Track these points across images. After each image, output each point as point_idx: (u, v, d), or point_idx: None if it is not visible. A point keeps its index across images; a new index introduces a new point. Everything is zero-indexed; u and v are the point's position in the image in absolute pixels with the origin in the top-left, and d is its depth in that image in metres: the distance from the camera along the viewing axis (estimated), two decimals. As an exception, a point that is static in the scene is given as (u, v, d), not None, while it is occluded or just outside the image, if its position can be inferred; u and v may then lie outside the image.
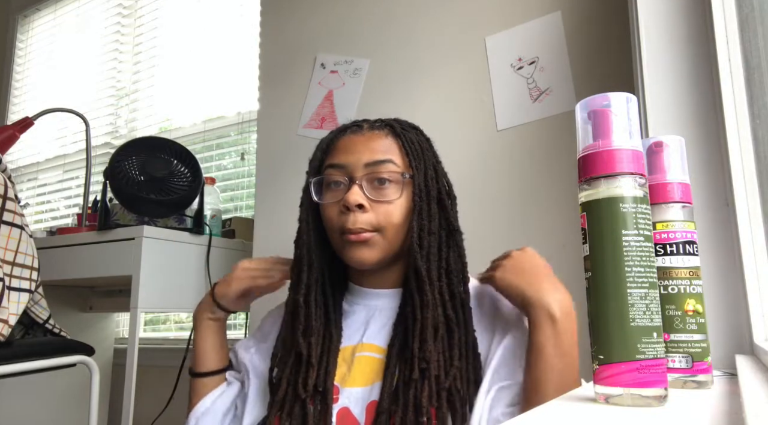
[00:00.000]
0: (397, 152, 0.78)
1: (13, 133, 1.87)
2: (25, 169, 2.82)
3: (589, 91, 0.50)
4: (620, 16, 1.19)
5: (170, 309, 1.99)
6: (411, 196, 0.77)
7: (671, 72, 0.79)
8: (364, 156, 0.77)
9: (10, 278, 1.11)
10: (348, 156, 0.78)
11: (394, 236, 0.76)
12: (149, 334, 2.32)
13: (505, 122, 1.39)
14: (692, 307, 0.50)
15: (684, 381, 0.49)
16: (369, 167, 0.76)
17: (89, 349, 1.34)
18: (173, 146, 1.61)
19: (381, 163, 0.76)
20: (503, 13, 1.43)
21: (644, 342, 0.39)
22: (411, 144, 0.79)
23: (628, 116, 0.44)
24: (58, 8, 2.91)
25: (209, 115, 2.26)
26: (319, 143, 0.83)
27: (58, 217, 2.68)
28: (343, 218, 0.75)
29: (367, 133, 0.80)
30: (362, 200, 0.74)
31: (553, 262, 0.74)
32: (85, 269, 1.60)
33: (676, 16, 0.80)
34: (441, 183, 0.80)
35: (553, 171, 1.30)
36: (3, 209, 1.12)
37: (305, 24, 1.73)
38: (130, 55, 2.57)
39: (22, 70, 2.99)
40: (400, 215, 0.76)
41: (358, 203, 0.74)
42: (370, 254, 0.76)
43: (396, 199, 0.76)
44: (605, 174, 0.42)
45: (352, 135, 0.80)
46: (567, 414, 0.39)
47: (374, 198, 0.75)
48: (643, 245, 0.41)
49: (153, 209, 1.57)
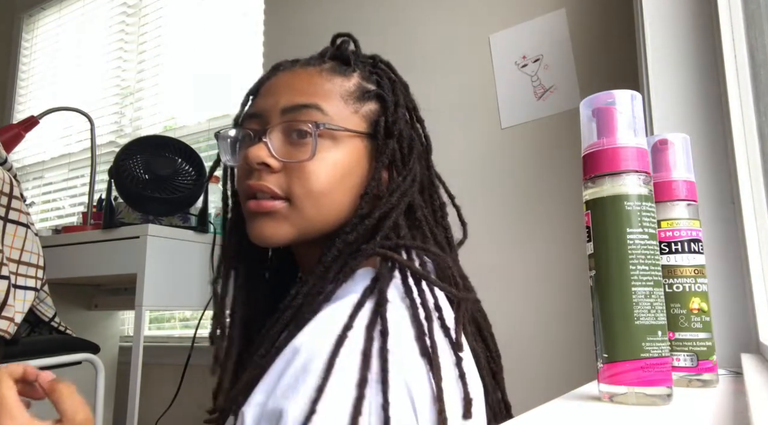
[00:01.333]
0: (332, 94, 0.59)
1: (19, 132, 1.88)
2: (31, 168, 2.83)
3: (593, 89, 0.50)
4: (625, 14, 1.18)
5: (175, 307, 2.00)
6: (351, 154, 0.59)
7: (676, 69, 0.79)
8: (282, 99, 0.58)
9: (16, 277, 1.11)
10: (267, 100, 0.60)
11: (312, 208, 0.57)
12: (154, 332, 2.33)
13: (509, 119, 1.38)
14: (697, 305, 0.50)
15: (689, 379, 0.49)
16: (286, 113, 0.58)
17: (94, 347, 1.35)
18: (178, 145, 1.62)
19: (297, 108, 0.57)
20: (507, 10, 1.43)
21: (649, 341, 0.39)
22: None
23: (633, 114, 0.43)
24: (63, 8, 2.92)
25: (214, 113, 2.26)
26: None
27: (64, 215, 2.69)
28: (247, 181, 0.58)
29: (298, 69, 0.61)
30: (266, 158, 0.56)
31: (555, 260, 0.74)
32: (90, 268, 1.60)
33: (682, 13, 0.80)
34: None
35: (557, 169, 1.30)
36: (9, 208, 1.12)
37: (309, 22, 1.73)
38: (134, 54, 2.58)
39: (27, 69, 3.00)
40: (321, 180, 0.57)
41: (261, 161, 0.56)
42: (275, 230, 0.57)
43: (309, 157, 0.56)
44: (610, 172, 0.42)
45: (281, 72, 0.62)
46: (571, 413, 0.39)
47: (283, 157, 0.57)
48: (648, 243, 0.41)
49: (157, 208, 1.57)
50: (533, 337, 1.27)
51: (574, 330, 1.23)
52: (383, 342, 0.46)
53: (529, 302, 1.29)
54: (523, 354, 1.25)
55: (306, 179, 0.56)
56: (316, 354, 0.45)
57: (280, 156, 0.57)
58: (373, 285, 0.51)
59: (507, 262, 1.32)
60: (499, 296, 1.31)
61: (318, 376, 0.44)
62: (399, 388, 0.45)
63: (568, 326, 1.24)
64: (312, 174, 0.56)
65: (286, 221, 0.57)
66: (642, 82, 0.85)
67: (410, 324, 0.49)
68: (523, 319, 1.28)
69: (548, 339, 1.26)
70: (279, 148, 0.57)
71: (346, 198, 0.58)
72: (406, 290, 0.52)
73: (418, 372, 0.47)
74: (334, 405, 0.43)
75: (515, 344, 0.86)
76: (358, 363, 0.45)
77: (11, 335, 1.07)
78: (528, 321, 1.28)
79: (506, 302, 1.31)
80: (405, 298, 0.52)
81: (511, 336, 0.80)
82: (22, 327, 1.18)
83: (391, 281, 0.52)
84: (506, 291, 1.32)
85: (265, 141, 0.57)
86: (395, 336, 0.47)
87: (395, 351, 0.46)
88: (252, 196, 0.57)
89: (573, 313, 1.23)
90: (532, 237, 1.31)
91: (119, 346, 2.17)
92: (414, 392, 0.46)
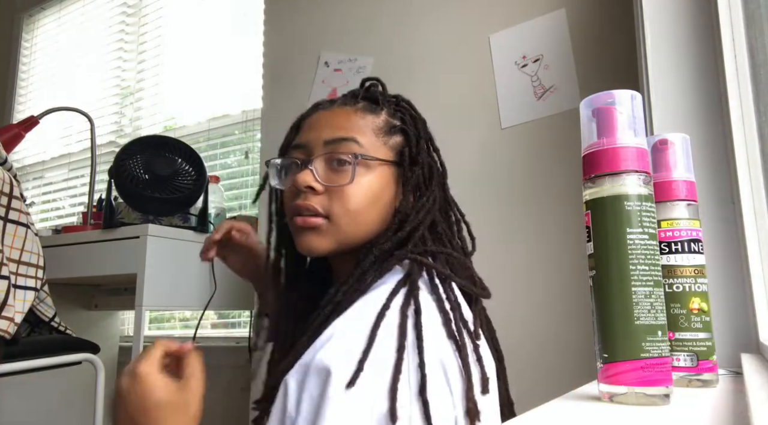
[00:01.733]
0: (365, 129, 0.69)
1: (19, 132, 1.88)
2: (31, 168, 2.83)
3: (593, 89, 0.50)
4: (625, 13, 1.18)
5: (175, 307, 2.00)
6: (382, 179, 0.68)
7: (676, 69, 0.79)
8: (324, 133, 0.69)
9: (16, 277, 1.11)
10: (310, 133, 0.70)
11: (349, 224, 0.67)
12: (154, 332, 2.33)
13: (509, 119, 1.38)
14: (697, 305, 0.50)
15: (689, 379, 0.49)
16: (328, 145, 0.68)
17: (94, 347, 1.35)
18: (178, 145, 1.62)
19: (337, 141, 0.67)
20: (507, 10, 1.43)
21: (649, 341, 0.39)
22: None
23: (633, 114, 0.43)
24: (63, 8, 2.92)
25: (213, 113, 2.26)
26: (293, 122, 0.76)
27: (64, 215, 2.69)
28: (295, 201, 0.68)
29: (336, 108, 0.71)
30: (312, 182, 0.66)
31: (555, 260, 0.74)
32: (90, 268, 1.60)
33: (682, 13, 0.80)
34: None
35: (557, 169, 1.30)
36: (9, 208, 1.12)
37: (309, 22, 1.73)
38: (134, 54, 2.58)
39: (27, 69, 3.00)
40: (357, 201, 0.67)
41: (308, 185, 0.66)
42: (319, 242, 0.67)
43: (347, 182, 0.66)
44: (610, 172, 0.42)
45: (321, 111, 0.72)
46: (571, 413, 0.39)
47: (326, 182, 0.67)
48: (648, 243, 0.41)
49: (157, 208, 1.57)
50: (533, 337, 1.27)
51: (574, 330, 1.23)
52: (417, 319, 0.56)
53: (529, 302, 1.29)
54: (523, 354, 1.25)
55: (345, 200, 0.66)
56: (356, 329, 0.54)
57: (324, 181, 0.67)
58: (405, 278, 0.61)
59: (507, 262, 1.32)
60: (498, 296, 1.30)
61: (362, 344, 0.52)
62: (432, 355, 0.54)
63: (568, 326, 1.24)
64: (351, 196, 0.66)
65: (328, 235, 0.67)
66: (642, 82, 0.85)
67: (437, 312, 0.59)
68: (523, 319, 1.28)
69: (548, 339, 1.26)
70: (322, 174, 0.67)
71: (377, 216, 0.68)
72: (432, 287, 0.62)
73: (447, 348, 0.56)
74: (378, 366, 0.51)
75: (515, 344, 0.86)
76: (396, 334, 0.54)
77: (11, 335, 1.07)
78: (528, 321, 1.28)
79: (506, 303, 1.31)
80: (432, 293, 0.61)
81: (511, 336, 0.81)
82: (22, 326, 1.18)
83: (420, 278, 0.62)
84: (506, 291, 1.32)
85: (311, 168, 0.67)
86: (426, 315, 0.57)
87: (427, 326, 0.56)
88: (298, 213, 0.67)
89: (573, 313, 1.23)
90: (532, 237, 1.31)
91: (119, 346, 2.17)
92: (445, 362, 0.55)
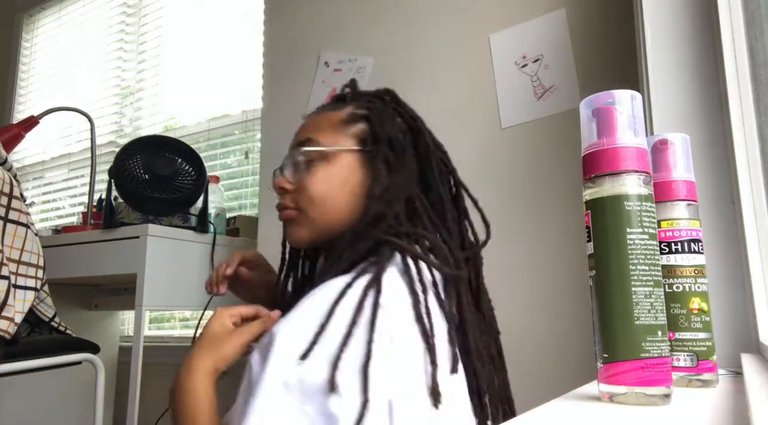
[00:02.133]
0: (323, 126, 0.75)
1: (19, 132, 1.88)
2: (31, 168, 2.83)
3: (593, 89, 0.50)
4: (625, 13, 1.18)
5: (175, 307, 2.00)
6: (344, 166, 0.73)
7: (676, 69, 0.79)
8: (294, 140, 0.78)
9: (15, 277, 1.11)
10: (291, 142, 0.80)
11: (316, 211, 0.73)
12: (154, 332, 2.33)
13: (509, 119, 1.38)
14: (697, 305, 0.50)
15: (689, 379, 0.49)
16: (293, 150, 0.77)
17: (94, 347, 1.34)
18: (178, 145, 1.62)
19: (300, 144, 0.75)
20: (507, 10, 1.43)
21: (649, 341, 0.39)
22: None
23: (633, 114, 0.43)
24: (63, 8, 2.92)
25: (214, 113, 2.26)
26: None
27: (64, 215, 2.69)
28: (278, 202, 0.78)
29: (311, 115, 0.80)
30: (284, 184, 0.75)
31: (555, 260, 0.74)
32: (90, 268, 1.60)
33: (682, 13, 0.80)
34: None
35: (557, 169, 1.30)
36: (9, 208, 1.12)
37: (309, 22, 1.73)
38: (134, 54, 2.58)
39: (27, 69, 3.00)
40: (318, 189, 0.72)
41: (280, 187, 0.76)
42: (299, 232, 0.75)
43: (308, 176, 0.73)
44: (610, 172, 0.42)
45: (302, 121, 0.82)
46: (571, 413, 0.39)
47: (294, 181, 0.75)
48: (648, 243, 0.41)
49: (157, 208, 1.57)
50: (533, 337, 1.27)
51: (574, 330, 1.23)
52: (376, 298, 0.56)
53: (529, 302, 1.29)
54: (523, 353, 1.25)
55: (308, 191, 0.72)
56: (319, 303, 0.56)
57: (293, 181, 0.75)
58: (374, 260, 0.62)
59: (507, 262, 1.32)
60: (498, 296, 1.30)
61: (315, 317, 0.55)
62: (383, 333, 0.54)
63: (569, 326, 1.24)
64: (312, 187, 0.72)
65: (303, 224, 0.73)
66: (642, 82, 0.85)
67: (407, 294, 0.59)
68: (523, 319, 1.28)
69: (548, 339, 1.26)
70: (290, 175, 0.75)
71: (345, 201, 0.72)
72: (405, 267, 0.62)
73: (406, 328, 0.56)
74: (327, 338, 0.53)
75: (515, 344, 0.86)
76: (353, 310, 0.55)
77: (11, 335, 1.07)
78: (528, 320, 1.28)
79: (506, 302, 1.31)
80: (404, 274, 0.61)
81: (511, 336, 0.81)
82: (22, 326, 1.18)
83: (392, 259, 0.63)
84: (506, 291, 1.32)
85: (284, 173, 0.76)
86: (387, 295, 0.57)
87: (386, 306, 0.56)
88: (280, 211, 0.76)
89: (573, 313, 1.23)
90: (532, 237, 1.31)
91: (119, 346, 2.17)
92: (398, 341, 0.54)
